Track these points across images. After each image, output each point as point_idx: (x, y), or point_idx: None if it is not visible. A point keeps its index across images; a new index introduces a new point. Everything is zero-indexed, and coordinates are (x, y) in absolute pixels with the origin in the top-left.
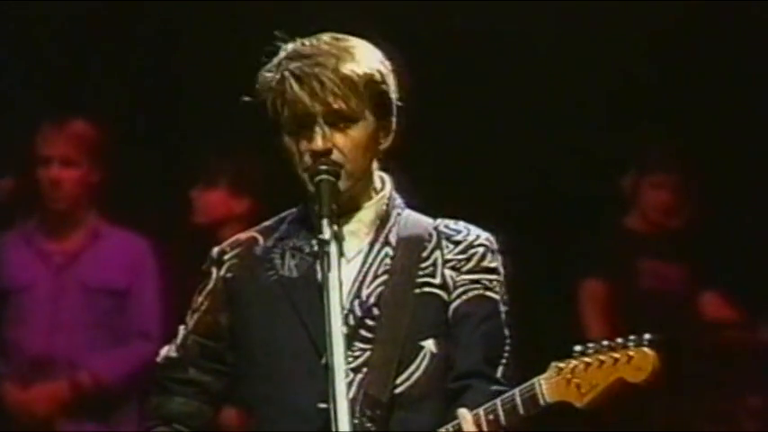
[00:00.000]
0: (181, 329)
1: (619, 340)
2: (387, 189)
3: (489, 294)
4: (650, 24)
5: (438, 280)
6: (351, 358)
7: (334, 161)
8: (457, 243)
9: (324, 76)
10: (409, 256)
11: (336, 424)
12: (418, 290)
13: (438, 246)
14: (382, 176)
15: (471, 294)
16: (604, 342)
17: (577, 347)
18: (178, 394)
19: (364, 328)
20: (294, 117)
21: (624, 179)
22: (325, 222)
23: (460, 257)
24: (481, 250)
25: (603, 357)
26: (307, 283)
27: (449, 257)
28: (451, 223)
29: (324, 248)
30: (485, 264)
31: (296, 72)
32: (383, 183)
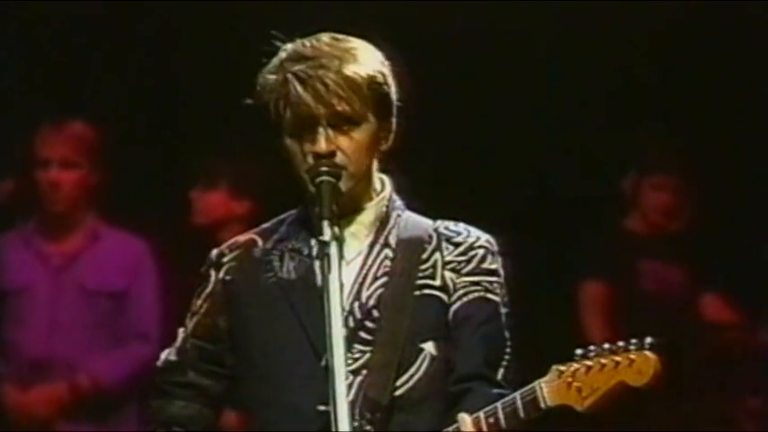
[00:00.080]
0: (180, 333)
1: (620, 343)
2: (386, 190)
3: (489, 296)
4: (650, 24)
5: (438, 282)
6: (350, 360)
7: (335, 163)
8: (457, 245)
9: (327, 78)
10: (409, 258)
11: (336, 426)
12: (418, 292)
13: (438, 247)
14: (382, 178)
15: (471, 296)
16: (606, 345)
17: (578, 350)
18: (178, 398)
19: (364, 330)
20: (297, 119)
21: (624, 180)
22: (325, 224)
23: (460, 259)
24: (481, 252)
25: (605, 360)
26: (305, 285)
27: (449, 259)
28: (451, 225)
29: (324, 250)
30: (485, 265)
31: (299, 74)
32: (383, 184)
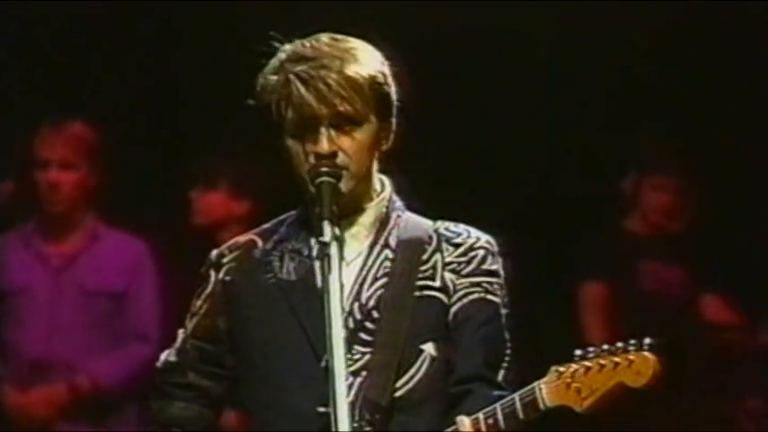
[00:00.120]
0: (180, 333)
1: (619, 344)
2: (386, 191)
3: (490, 297)
4: (650, 24)
5: (438, 283)
6: (350, 361)
7: (335, 163)
8: (457, 246)
9: (330, 79)
10: (409, 259)
11: (336, 427)
12: (418, 293)
13: (438, 248)
14: (382, 179)
15: (471, 297)
16: (605, 346)
17: (578, 351)
18: (178, 399)
19: (364, 332)
20: (299, 120)
21: (624, 181)
22: (325, 224)
23: (461, 260)
24: (481, 253)
25: (604, 361)
26: (305, 286)
27: (449, 260)
28: (452, 226)
29: (324, 251)
30: (485, 266)
31: (301, 75)
32: (383, 185)
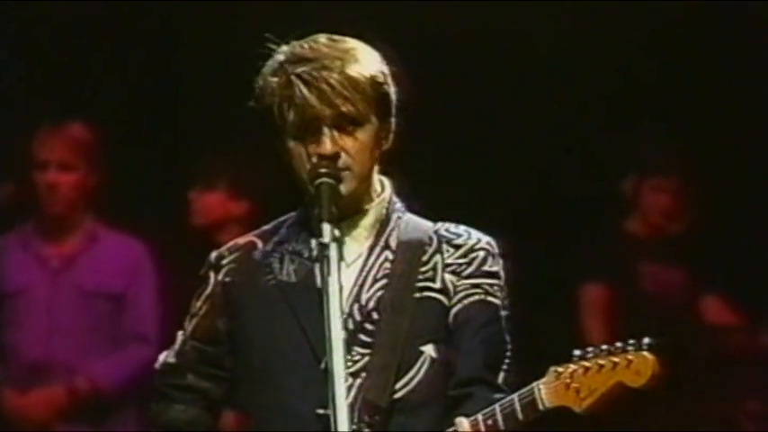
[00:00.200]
0: (179, 335)
1: (618, 344)
2: (386, 192)
3: (490, 299)
4: (650, 24)
5: (438, 284)
6: (350, 363)
7: (334, 164)
8: (457, 247)
9: (332, 79)
10: (409, 260)
11: (336, 428)
12: (418, 294)
13: (438, 250)
14: (382, 180)
15: (472, 299)
16: (603, 346)
17: (576, 352)
18: (177, 401)
19: (364, 333)
20: (301, 121)
21: (625, 182)
22: (325, 226)
23: (461, 261)
24: (482, 254)
25: (603, 362)
26: (305, 288)
27: (449, 261)
28: (452, 227)
29: (324, 252)
30: (485, 268)
31: (303, 76)
32: (383, 186)
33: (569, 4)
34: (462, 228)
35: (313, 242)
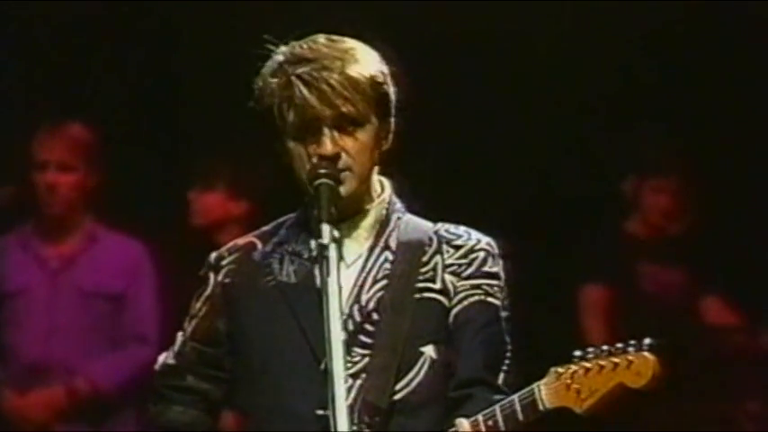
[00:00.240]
0: (179, 336)
1: (619, 345)
2: (386, 193)
3: (490, 300)
4: (650, 24)
5: (438, 285)
6: (350, 364)
7: (334, 165)
8: (457, 248)
9: (332, 80)
10: (409, 261)
11: (336, 430)
12: (418, 295)
13: (438, 250)
14: (382, 180)
15: (472, 300)
16: (604, 347)
17: (577, 352)
18: (176, 402)
19: (363, 334)
20: (301, 122)
21: (625, 183)
22: (324, 227)
23: (461, 262)
24: (482, 255)
25: (603, 362)
26: (305, 289)
27: (449, 262)
28: (452, 227)
29: (323, 253)
30: (486, 269)
31: (303, 76)
32: (383, 187)
33: (569, 4)
34: (462, 228)
35: (312, 243)
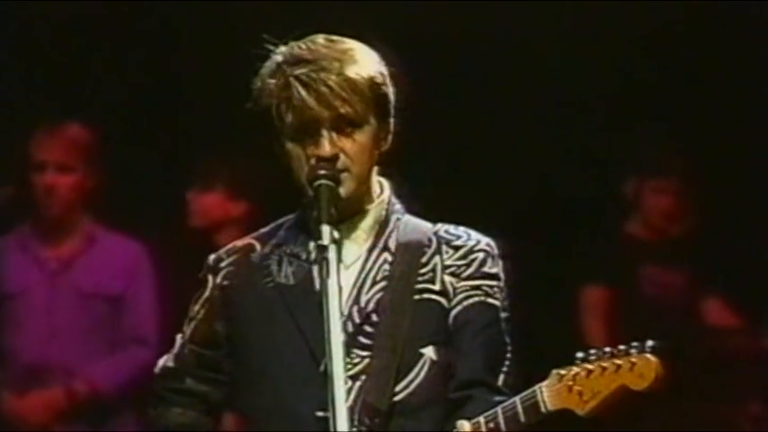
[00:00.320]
0: (178, 339)
1: (621, 347)
2: (385, 194)
3: (490, 301)
4: (650, 24)
5: (438, 286)
6: (349, 365)
7: (333, 166)
8: (457, 248)
9: (330, 81)
10: (408, 262)
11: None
12: (418, 296)
13: (438, 251)
14: (381, 181)
15: (471, 301)
16: (606, 349)
17: (579, 354)
18: (176, 405)
19: (363, 335)
20: (299, 123)
21: (626, 184)
22: (324, 228)
23: (460, 263)
24: (481, 256)
25: (606, 364)
26: (304, 290)
27: (448, 263)
28: (451, 228)
29: (323, 254)
30: (485, 269)
31: (301, 77)
32: (382, 187)
33: (569, 4)
34: (462, 229)
35: (311, 244)
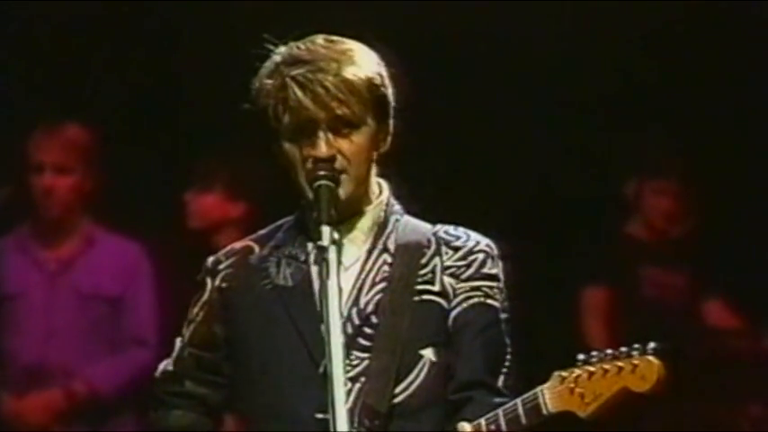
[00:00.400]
0: (177, 342)
1: (623, 349)
2: (384, 195)
3: (489, 302)
4: (651, 25)
5: (437, 287)
6: (349, 367)
7: (333, 167)
8: (456, 249)
9: (327, 82)
10: (408, 263)
11: None
12: (417, 297)
13: (437, 252)
14: (380, 182)
15: (471, 302)
16: (608, 351)
17: (581, 356)
18: (176, 407)
19: (362, 337)
20: (296, 124)
21: (626, 186)
22: (324, 229)
23: (460, 264)
24: (481, 257)
25: (607, 366)
26: (302, 292)
27: (448, 264)
28: (451, 229)
29: (322, 255)
30: (485, 270)
31: (298, 78)
32: (381, 188)
33: (569, 4)
34: (461, 230)
35: (310, 246)
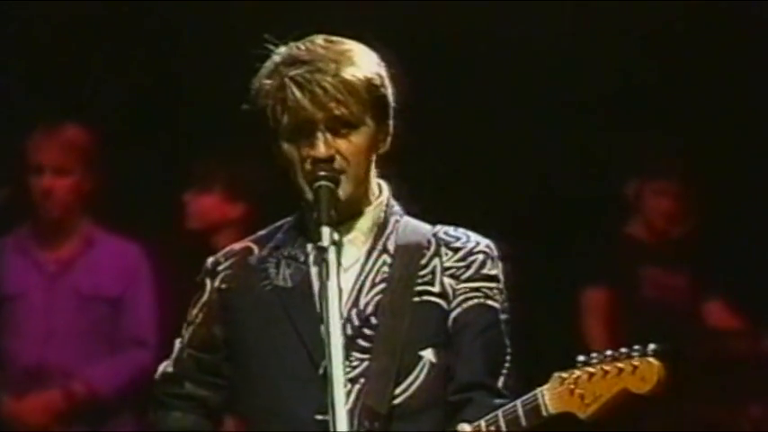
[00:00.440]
0: (177, 343)
1: (623, 350)
2: (384, 195)
3: (489, 303)
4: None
5: (437, 288)
6: (348, 368)
7: (333, 168)
8: (456, 250)
9: (325, 82)
10: (408, 264)
11: None
12: (417, 298)
13: (437, 253)
14: (380, 183)
15: (471, 303)
16: (608, 352)
17: (581, 357)
18: (175, 409)
19: (362, 338)
20: (295, 124)
21: (627, 186)
22: (324, 229)
23: (460, 265)
24: (481, 257)
25: (608, 367)
26: (302, 293)
27: (448, 265)
28: (451, 230)
29: (322, 256)
30: (485, 271)
31: (296, 78)
32: (380, 189)
33: (569, 4)
34: (461, 231)
35: (309, 246)
